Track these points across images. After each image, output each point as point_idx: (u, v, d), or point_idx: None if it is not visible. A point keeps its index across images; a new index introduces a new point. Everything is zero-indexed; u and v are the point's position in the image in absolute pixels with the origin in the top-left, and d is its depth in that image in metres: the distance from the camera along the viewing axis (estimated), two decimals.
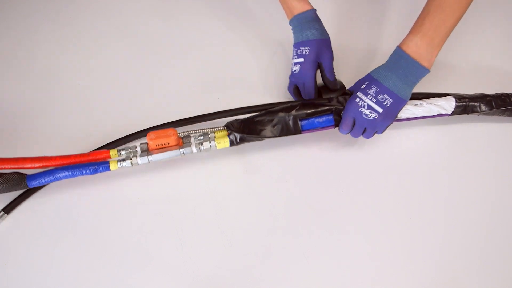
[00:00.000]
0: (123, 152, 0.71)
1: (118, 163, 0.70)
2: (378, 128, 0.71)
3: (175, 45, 0.94)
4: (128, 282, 0.68)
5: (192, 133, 0.73)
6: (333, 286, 0.68)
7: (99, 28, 0.97)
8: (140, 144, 0.72)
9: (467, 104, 0.76)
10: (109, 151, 0.71)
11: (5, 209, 0.72)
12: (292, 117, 0.73)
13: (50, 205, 0.74)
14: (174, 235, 0.72)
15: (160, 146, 0.70)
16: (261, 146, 0.79)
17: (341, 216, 0.73)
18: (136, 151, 0.71)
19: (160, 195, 0.75)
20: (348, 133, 0.74)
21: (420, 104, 0.74)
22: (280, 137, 0.74)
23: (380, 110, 0.69)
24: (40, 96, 0.86)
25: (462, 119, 0.82)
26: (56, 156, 0.70)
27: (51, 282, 0.68)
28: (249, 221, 0.73)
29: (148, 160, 0.70)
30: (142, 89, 0.88)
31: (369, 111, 0.69)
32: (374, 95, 0.69)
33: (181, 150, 0.71)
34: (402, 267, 0.69)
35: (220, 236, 0.71)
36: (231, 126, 0.72)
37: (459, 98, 0.76)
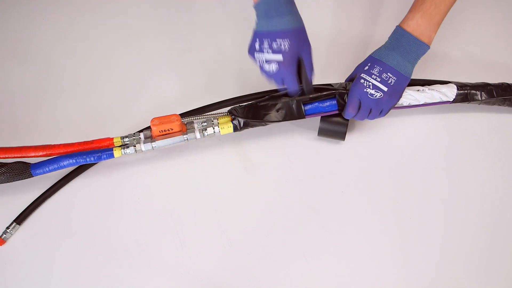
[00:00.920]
0: (127, 139, 0.71)
1: (122, 150, 0.69)
2: (384, 108, 0.70)
3: (177, 42, 0.92)
4: (128, 282, 0.68)
5: (196, 119, 0.72)
6: (333, 286, 0.68)
7: (101, 18, 0.95)
8: (144, 131, 0.71)
9: (469, 92, 0.75)
10: (113, 139, 0.71)
11: (17, 220, 0.71)
12: (296, 102, 0.72)
13: (50, 205, 0.74)
14: (174, 235, 0.71)
15: (164, 133, 0.70)
16: (261, 146, 0.79)
17: (341, 216, 0.73)
18: (140, 138, 0.71)
19: (160, 195, 0.75)
20: (353, 117, 0.73)
21: (423, 90, 0.74)
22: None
23: (385, 89, 0.68)
24: (43, 85, 0.86)
25: (463, 109, 0.81)
26: (60, 144, 0.70)
27: (51, 282, 0.68)
28: (249, 221, 0.73)
29: (152, 147, 0.70)
30: (146, 81, 0.87)
31: (375, 91, 0.68)
32: (378, 74, 0.69)
33: (185, 136, 0.70)
34: (402, 267, 0.69)
35: (220, 236, 0.71)
36: (235, 112, 0.72)
37: (461, 86, 0.76)
